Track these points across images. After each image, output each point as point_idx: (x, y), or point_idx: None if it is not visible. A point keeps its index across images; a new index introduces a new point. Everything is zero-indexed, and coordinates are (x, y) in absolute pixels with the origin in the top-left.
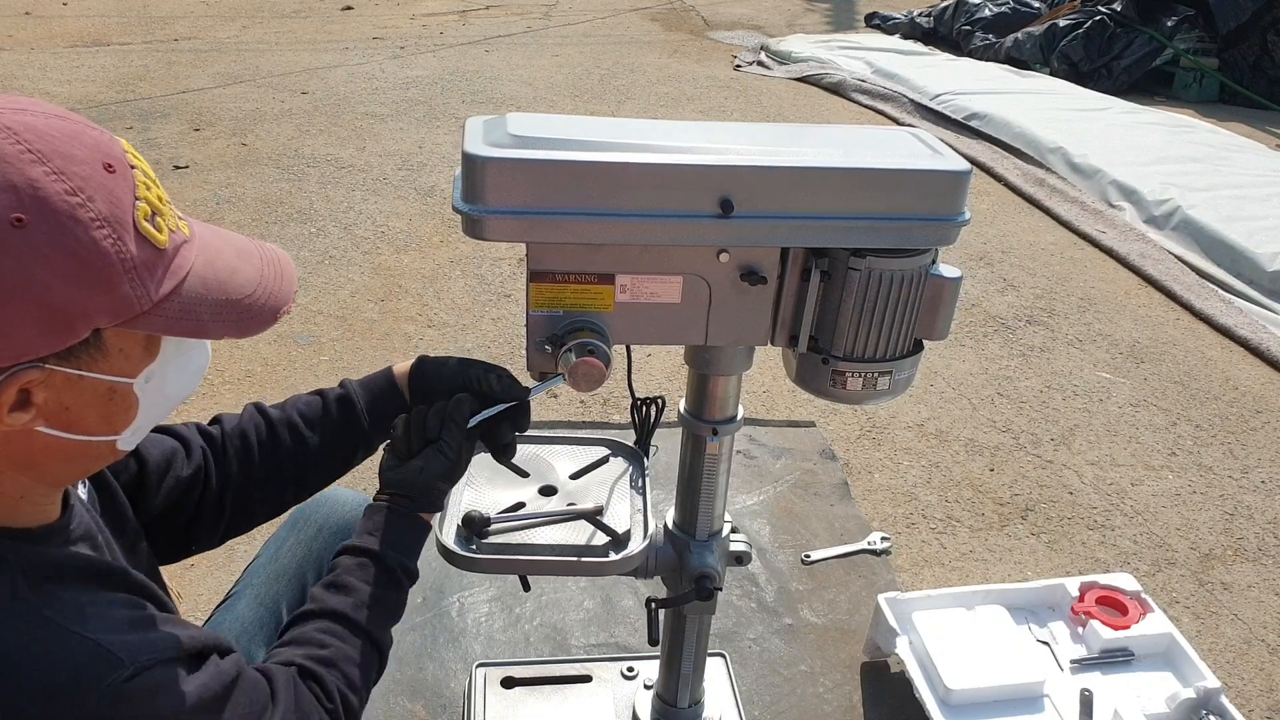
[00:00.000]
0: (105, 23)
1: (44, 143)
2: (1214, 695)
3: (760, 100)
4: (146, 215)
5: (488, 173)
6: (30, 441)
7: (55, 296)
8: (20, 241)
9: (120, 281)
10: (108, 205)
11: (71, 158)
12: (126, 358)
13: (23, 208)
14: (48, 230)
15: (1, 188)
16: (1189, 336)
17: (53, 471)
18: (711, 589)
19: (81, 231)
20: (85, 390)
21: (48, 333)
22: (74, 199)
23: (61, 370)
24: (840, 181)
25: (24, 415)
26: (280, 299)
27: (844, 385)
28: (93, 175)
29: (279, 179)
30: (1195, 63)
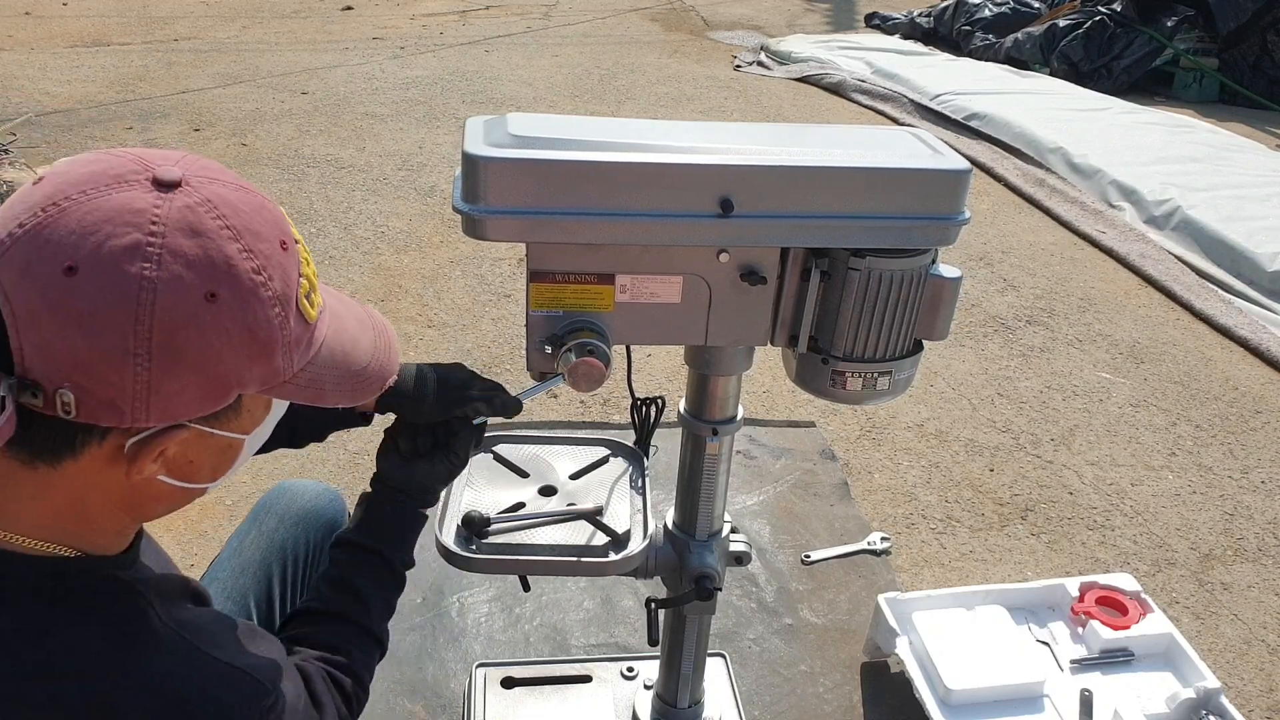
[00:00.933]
0: (105, 23)
1: (238, 219)
2: (1214, 695)
3: (760, 100)
4: (305, 292)
5: (488, 173)
6: (148, 489)
7: (225, 367)
8: (210, 316)
9: (277, 355)
10: (282, 284)
11: (259, 235)
12: (251, 417)
13: (218, 284)
14: (234, 307)
15: (203, 263)
16: (1189, 336)
17: (153, 513)
18: (711, 589)
19: (261, 310)
20: (210, 445)
21: (206, 398)
22: (259, 278)
23: (200, 429)
24: (840, 181)
25: (154, 467)
26: (389, 371)
27: (844, 385)
28: (273, 254)
29: (279, 179)
30: (1195, 63)
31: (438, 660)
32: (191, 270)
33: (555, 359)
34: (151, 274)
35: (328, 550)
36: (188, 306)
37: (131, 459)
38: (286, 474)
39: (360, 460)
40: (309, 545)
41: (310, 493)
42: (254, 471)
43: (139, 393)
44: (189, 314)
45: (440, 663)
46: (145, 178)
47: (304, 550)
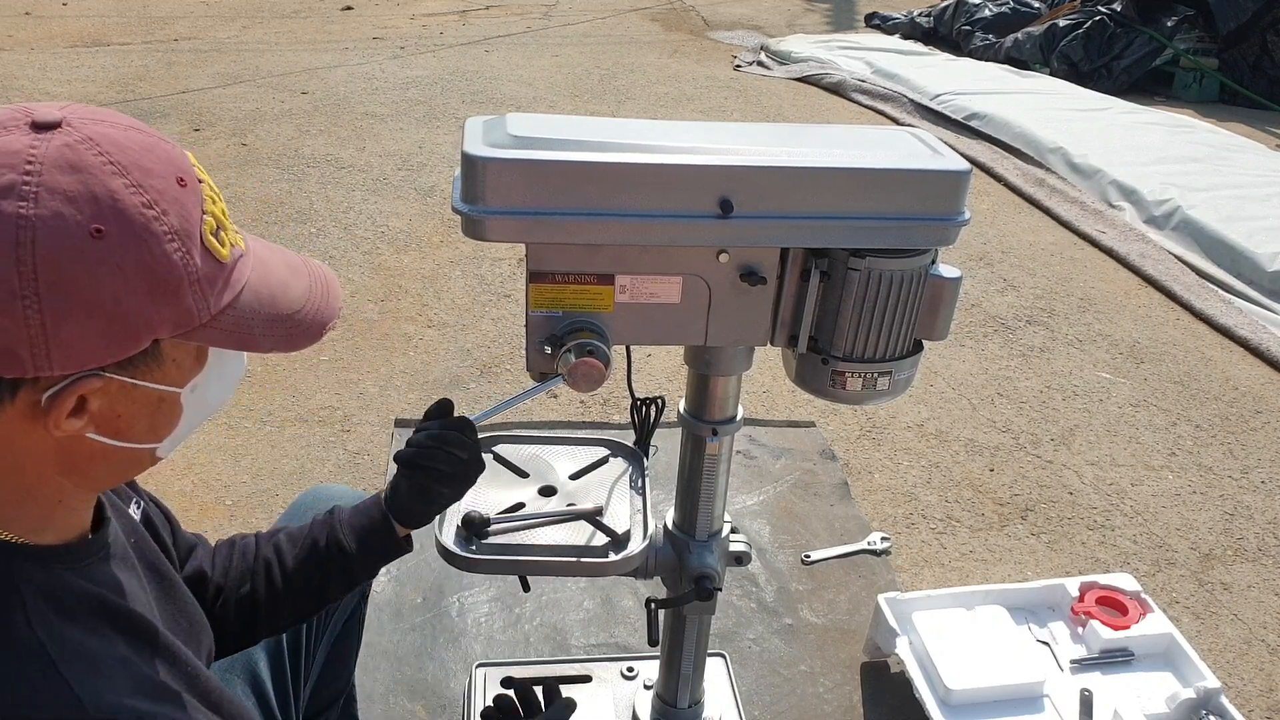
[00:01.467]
0: (105, 23)
1: (123, 155)
2: (1214, 695)
3: (760, 100)
4: (212, 229)
5: (487, 173)
6: (78, 447)
7: (124, 307)
8: (98, 252)
9: (185, 294)
10: (179, 219)
11: (149, 171)
12: (179, 368)
13: (103, 219)
14: (124, 242)
15: (85, 198)
16: (1189, 336)
17: (94, 476)
18: (711, 589)
19: (155, 244)
20: (137, 399)
21: (112, 342)
22: (150, 212)
23: (118, 379)
24: (840, 181)
25: (77, 422)
26: (327, 315)
27: (844, 385)
28: (167, 189)
29: (279, 179)
30: (1195, 63)
31: (438, 660)
32: (72, 206)
33: (555, 359)
34: (29, 212)
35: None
36: (72, 244)
37: (46, 413)
38: (285, 474)
39: (360, 460)
40: None
41: (345, 500)
42: (254, 471)
43: (35, 338)
44: (74, 251)
45: (440, 663)
46: (24, 122)
47: None
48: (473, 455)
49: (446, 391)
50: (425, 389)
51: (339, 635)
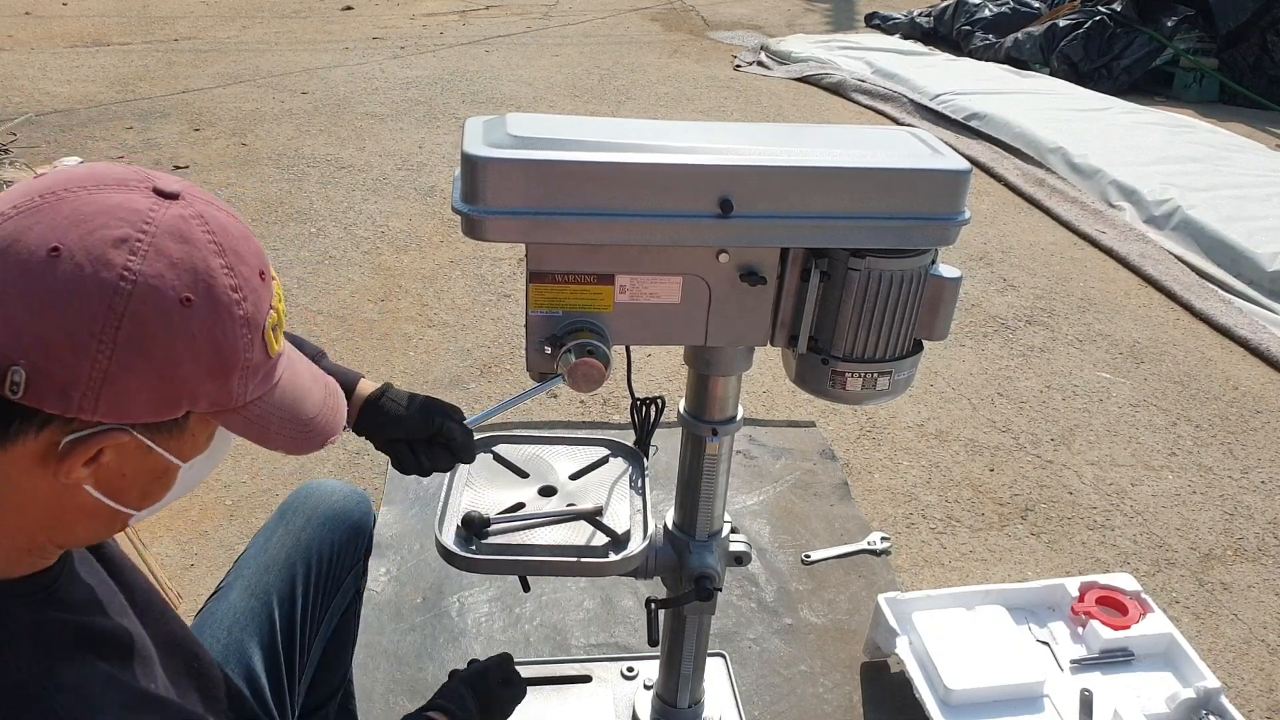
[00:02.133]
0: (105, 23)
1: (226, 238)
2: (1214, 695)
3: (760, 100)
4: (273, 324)
5: (487, 173)
6: (71, 500)
7: (181, 374)
8: (181, 320)
9: (234, 377)
10: (254, 308)
11: (242, 258)
12: (193, 442)
13: (195, 291)
14: (205, 316)
15: (186, 268)
16: (1189, 336)
17: (73, 533)
18: (711, 589)
19: (230, 326)
20: (146, 463)
21: (157, 404)
22: (235, 295)
23: (141, 439)
24: (840, 181)
25: (84, 472)
26: (332, 429)
27: (844, 385)
28: (251, 278)
29: (279, 179)
30: (1195, 63)
31: (438, 660)
32: (174, 272)
33: (555, 359)
34: (136, 266)
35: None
36: (163, 305)
37: (63, 458)
38: (285, 474)
39: (360, 460)
40: (334, 546)
41: (338, 494)
42: (254, 471)
43: (93, 382)
44: (162, 313)
45: (440, 663)
46: (147, 186)
47: (329, 550)
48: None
49: (447, 391)
50: (425, 389)
51: (335, 630)
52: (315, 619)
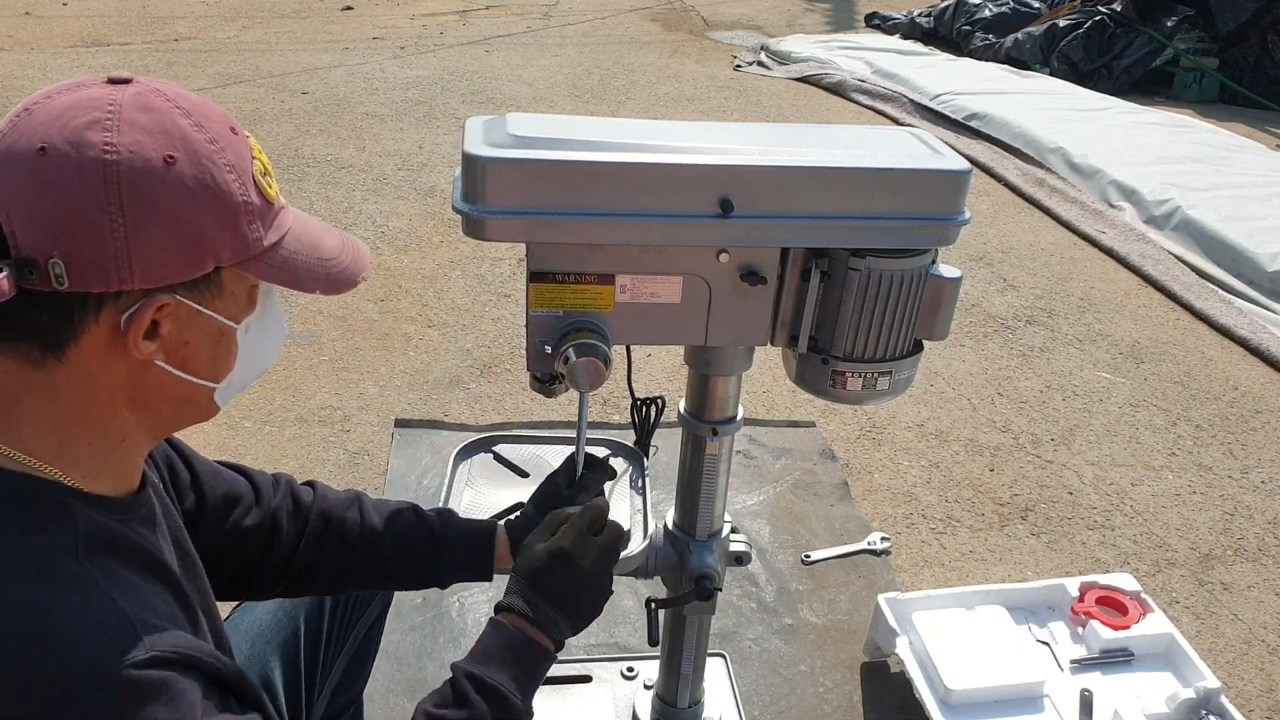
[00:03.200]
0: (105, 23)
1: (186, 102)
2: (1214, 695)
3: (760, 100)
4: (261, 172)
5: (487, 173)
6: (148, 377)
7: (193, 227)
8: (172, 176)
9: (242, 222)
10: (235, 157)
11: (207, 116)
12: (235, 301)
13: (174, 149)
14: (192, 169)
15: (158, 131)
16: (1189, 336)
17: (159, 413)
18: (711, 589)
19: (218, 173)
20: (201, 327)
21: (183, 261)
22: (212, 146)
23: (187, 303)
24: (840, 181)
25: (151, 345)
26: (360, 267)
27: (844, 385)
28: (223, 133)
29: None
30: (1195, 63)
31: (438, 660)
32: (149, 136)
33: (555, 359)
34: (113, 140)
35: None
36: (150, 166)
37: (126, 331)
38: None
39: (360, 460)
40: None
41: (264, 620)
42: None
43: (120, 251)
44: (151, 172)
45: (440, 663)
46: (100, 80)
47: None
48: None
49: (446, 391)
50: (425, 389)
51: (360, 645)
52: (341, 634)
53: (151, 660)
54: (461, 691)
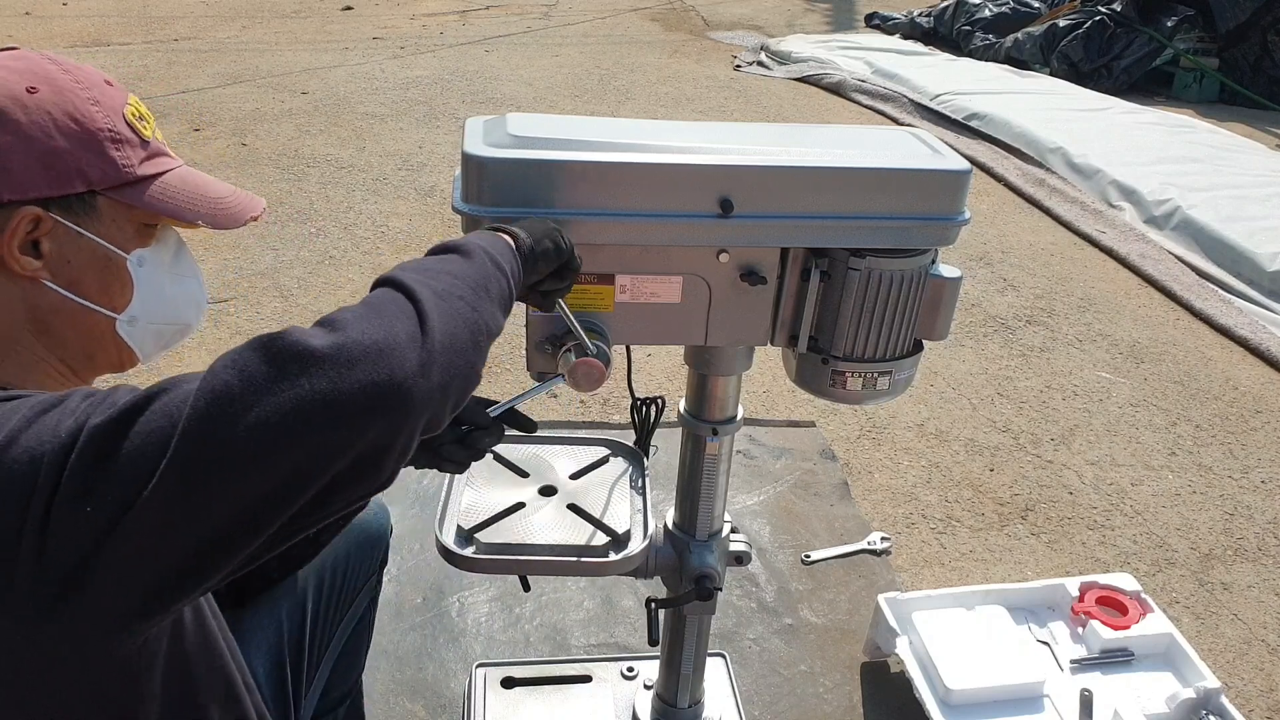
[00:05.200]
0: (105, 23)
1: (60, 60)
2: (1214, 695)
3: (760, 100)
4: (135, 115)
5: (487, 173)
6: (40, 298)
7: (54, 145)
8: (33, 101)
9: (108, 149)
10: (102, 96)
11: (80, 69)
12: (120, 230)
13: (36, 81)
14: (54, 98)
15: (24, 71)
16: (1189, 336)
17: (64, 341)
18: (711, 589)
19: (80, 104)
20: (85, 249)
21: (47, 176)
22: (77, 85)
23: (62, 222)
24: (840, 181)
25: (34, 261)
26: (250, 208)
27: (844, 385)
28: (95, 80)
29: (279, 179)
30: (1195, 63)
31: (438, 660)
32: (14, 74)
33: (555, 359)
34: None
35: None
36: (11, 95)
37: (2, 241)
38: None
39: None
40: (350, 558)
41: None
42: None
43: None
44: (13, 99)
45: (440, 663)
46: None
47: (344, 563)
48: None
49: None
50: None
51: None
52: (326, 633)
53: None
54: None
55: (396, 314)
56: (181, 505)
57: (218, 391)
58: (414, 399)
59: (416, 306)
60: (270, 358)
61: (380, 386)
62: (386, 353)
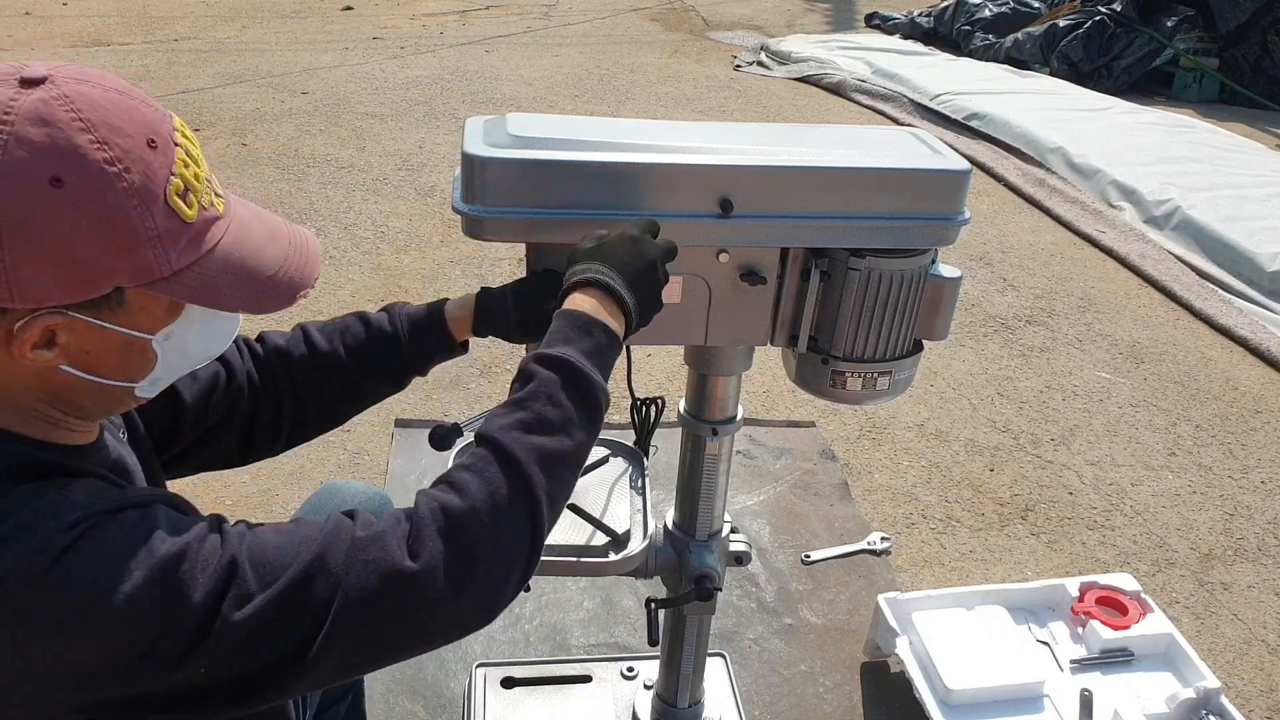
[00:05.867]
0: (105, 23)
1: (95, 114)
2: (1214, 695)
3: (760, 100)
4: (178, 191)
5: (487, 173)
6: (55, 377)
7: (81, 253)
8: (56, 200)
9: (143, 248)
10: (142, 177)
11: (117, 130)
12: (148, 315)
13: (64, 170)
14: (82, 193)
15: (47, 150)
16: (1189, 336)
17: (79, 405)
18: (711, 589)
19: (112, 198)
20: (105, 339)
21: (70, 284)
22: (111, 169)
23: (82, 318)
24: (840, 181)
25: (47, 353)
26: (300, 283)
27: (844, 385)
28: (134, 149)
29: (279, 179)
30: (1195, 63)
31: (438, 660)
32: (36, 156)
33: None
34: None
35: None
36: (32, 191)
37: (17, 342)
38: (285, 474)
39: (360, 460)
40: None
41: (359, 495)
42: (254, 471)
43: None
44: (33, 197)
45: (440, 663)
46: (13, 78)
47: None
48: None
49: (447, 392)
50: (425, 389)
51: None
52: None
53: (89, 520)
54: (527, 372)
55: (516, 532)
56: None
57: (388, 588)
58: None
59: (534, 522)
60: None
61: (487, 612)
62: (500, 590)
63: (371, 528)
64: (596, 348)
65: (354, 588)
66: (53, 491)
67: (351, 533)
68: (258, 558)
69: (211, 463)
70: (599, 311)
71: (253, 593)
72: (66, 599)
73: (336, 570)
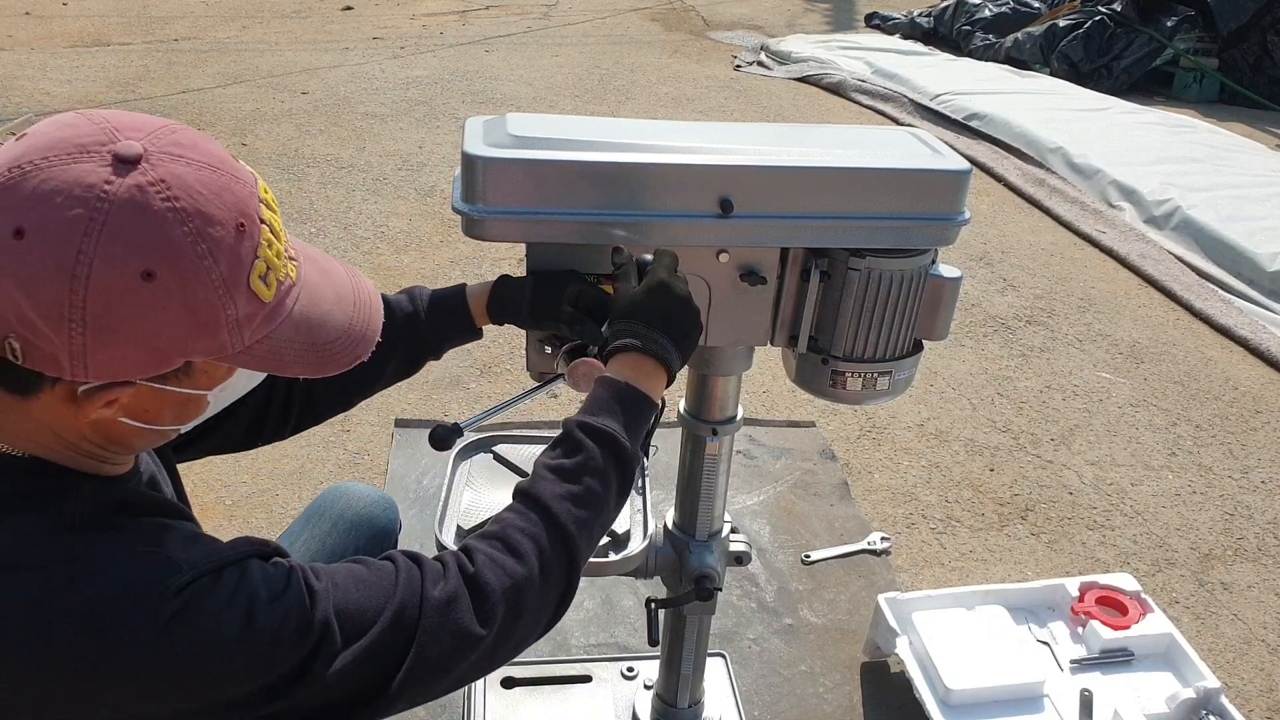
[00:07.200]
0: (105, 23)
1: (191, 200)
2: (1214, 695)
3: (760, 100)
4: (260, 273)
5: (487, 173)
6: (111, 427)
7: (162, 340)
8: (145, 293)
9: (221, 332)
10: (229, 267)
11: (210, 219)
12: (210, 377)
13: (156, 264)
14: (172, 288)
15: (143, 243)
16: (1189, 336)
17: (129, 445)
18: (711, 589)
19: (201, 292)
20: (166, 399)
21: (146, 365)
22: (203, 262)
23: (148, 385)
24: (840, 181)
25: (108, 411)
26: (359, 351)
27: (844, 385)
28: (224, 238)
29: (279, 179)
30: (1195, 63)
31: None
32: (130, 249)
33: (555, 359)
34: (90, 249)
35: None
36: (123, 282)
37: (82, 403)
38: (285, 474)
39: (360, 460)
40: (358, 553)
41: (365, 499)
42: (254, 471)
43: (76, 354)
44: (123, 289)
45: None
46: (107, 150)
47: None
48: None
49: (446, 391)
50: (425, 389)
51: None
52: None
53: (191, 579)
54: (574, 439)
55: (557, 593)
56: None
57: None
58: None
59: (570, 584)
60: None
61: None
62: (531, 637)
63: (441, 585)
64: (639, 418)
65: (429, 645)
66: (150, 544)
67: (423, 588)
68: (343, 614)
69: (222, 446)
70: (641, 378)
71: (338, 650)
72: (171, 667)
73: (412, 626)
